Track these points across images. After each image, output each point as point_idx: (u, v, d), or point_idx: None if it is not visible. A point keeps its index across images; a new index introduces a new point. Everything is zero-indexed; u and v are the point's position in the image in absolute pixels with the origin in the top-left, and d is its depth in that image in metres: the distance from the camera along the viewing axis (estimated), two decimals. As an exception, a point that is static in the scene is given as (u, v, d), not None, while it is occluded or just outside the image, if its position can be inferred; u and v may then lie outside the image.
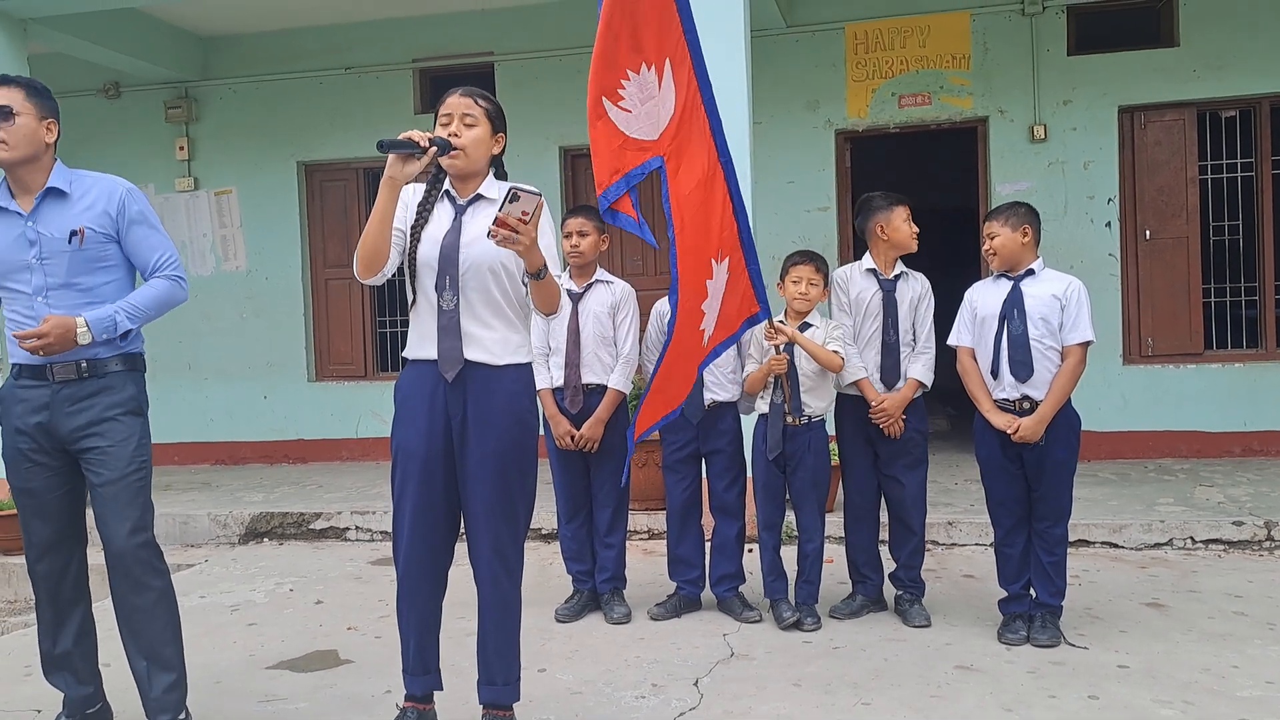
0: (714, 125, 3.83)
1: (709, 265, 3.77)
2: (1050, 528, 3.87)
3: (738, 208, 3.94)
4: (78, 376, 3.02)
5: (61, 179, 3.07)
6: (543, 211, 3.02)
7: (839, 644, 3.95)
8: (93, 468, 3.03)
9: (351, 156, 8.40)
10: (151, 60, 8.01)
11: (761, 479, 4.21)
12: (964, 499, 6.00)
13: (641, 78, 3.61)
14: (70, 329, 2.93)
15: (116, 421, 3.04)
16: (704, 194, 3.79)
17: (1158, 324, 7.26)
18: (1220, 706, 3.24)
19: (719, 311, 3.92)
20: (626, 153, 3.61)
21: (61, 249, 3.02)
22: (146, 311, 3.09)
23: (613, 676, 3.68)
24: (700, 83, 3.76)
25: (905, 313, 4.21)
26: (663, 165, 3.66)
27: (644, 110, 3.63)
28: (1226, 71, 7.05)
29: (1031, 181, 7.24)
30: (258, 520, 6.30)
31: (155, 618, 3.08)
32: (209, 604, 4.88)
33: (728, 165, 3.89)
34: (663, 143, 3.67)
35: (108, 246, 3.09)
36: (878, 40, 7.49)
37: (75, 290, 3.02)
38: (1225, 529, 5.22)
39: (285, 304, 8.55)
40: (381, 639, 4.16)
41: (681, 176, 3.70)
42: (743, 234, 3.96)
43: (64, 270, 3.02)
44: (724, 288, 3.91)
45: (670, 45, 3.69)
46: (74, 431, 3.02)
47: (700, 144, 3.78)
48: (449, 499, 2.98)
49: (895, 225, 4.19)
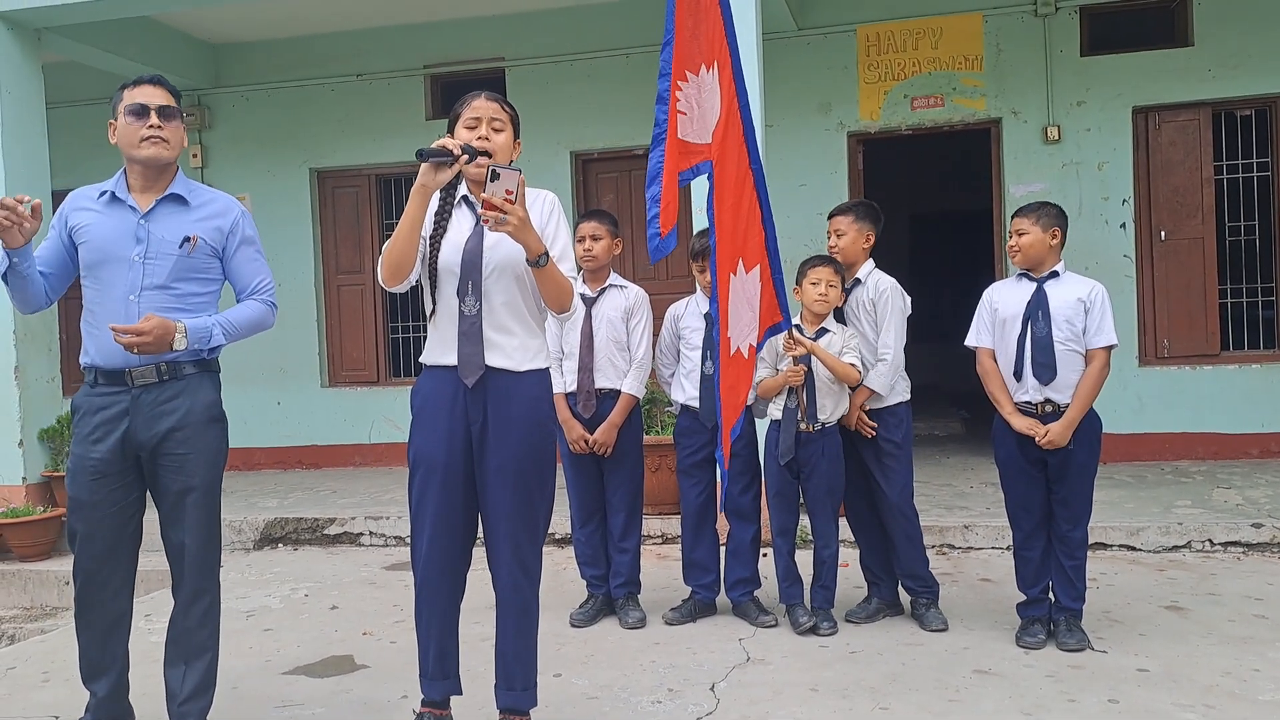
0: (748, 131, 3.78)
1: (728, 275, 3.75)
2: (1071, 530, 3.84)
3: (766, 215, 3.90)
4: (158, 380, 2.99)
5: (184, 187, 3.12)
6: (556, 207, 3.02)
7: (855, 648, 3.93)
8: (173, 472, 3.00)
9: (364, 163, 8.43)
10: (164, 68, 8.02)
11: (775, 485, 4.19)
12: (979, 502, 5.96)
13: (700, 79, 3.57)
14: (170, 331, 2.91)
15: (203, 426, 3.04)
16: (736, 201, 3.75)
17: (1174, 325, 7.21)
18: (1242, 710, 3.21)
19: (758, 320, 3.88)
20: (680, 156, 3.56)
21: (169, 252, 3.03)
22: (240, 330, 3.12)
23: (628, 681, 3.67)
24: (738, 86, 3.73)
25: (859, 316, 4.18)
26: (711, 170, 3.62)
27: (699, 113, 3.59)
28: (1241, 71, 7.00)
29: (1045, 183, 7.21)
30: (272, 526, 6.31)
31: (207, 623, 3.09)
32: (225, 609, 4.75)
33: (758, 172, 3.84)
34: (712, 147, 3.62)
35: (212, 260, 3.12)
36: (890, 42, 7.48)
37: (168, 294, 3.02)
38: (1244, 531, 5.17)
39: (298, 310, 8.55)
40: (397, 644, 4.15)
41: (723, 182, 3.66)
42: (769, 242, 3.93)
43: (165, 273, 3.02)
44: (758, 296, 3.88)
45: (718, 47, 3.64)
46: (155, 437, 2.98)
47: (736, 149, 3.74)
48: (468, 505, 2.98)
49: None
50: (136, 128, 3.01)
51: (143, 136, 3.01)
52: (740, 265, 3.79)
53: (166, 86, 3.09)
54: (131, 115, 3.01)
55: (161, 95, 3.06)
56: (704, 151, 3.60)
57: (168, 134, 3.03)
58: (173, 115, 3.06)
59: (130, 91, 3.05)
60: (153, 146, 3.02)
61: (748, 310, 3.83)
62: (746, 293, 3.82)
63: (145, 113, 3.01)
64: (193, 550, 3.04)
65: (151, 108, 3.02)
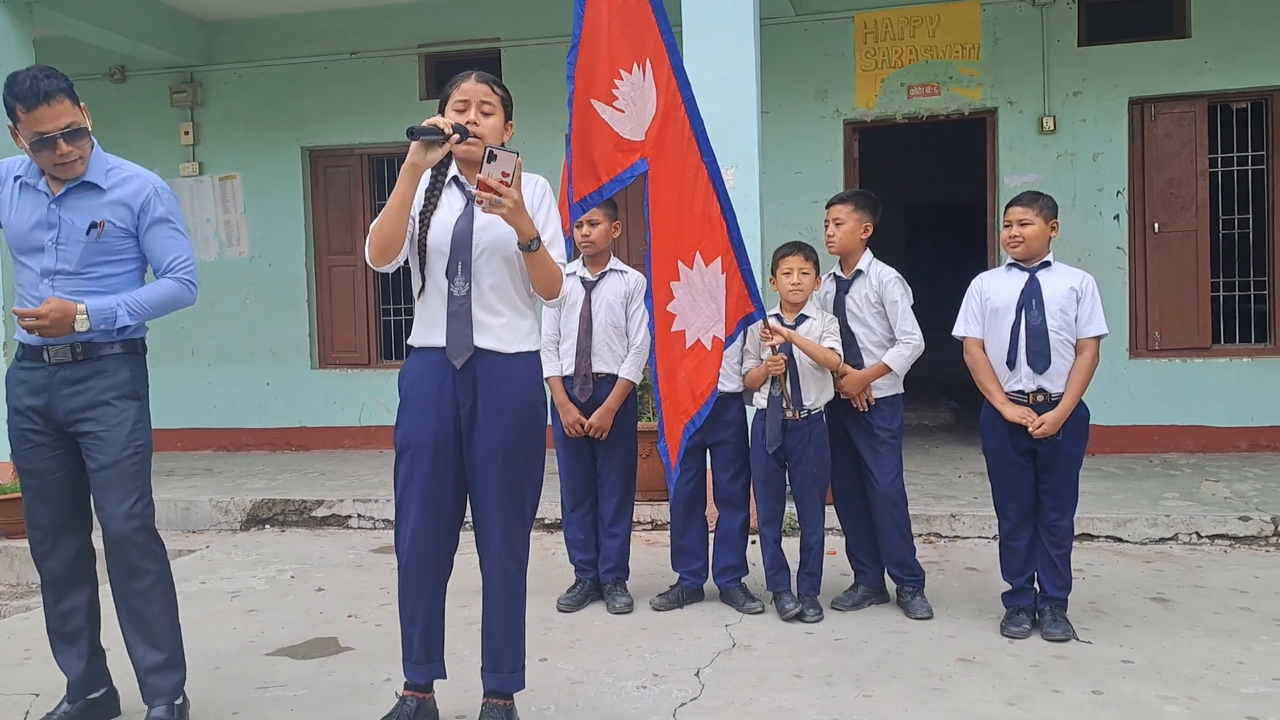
0: (696, 126, 3.82)
1: (676, 268, 3.77)
2: (1058, 520, 3.85)
3: (725, 208, 3.93)
4: (72, 359, 3.01)
5: (98, 172, 3.04)
6: (548, 192, 3.00)
7: (841, 635, 3.93)
8: (89, 451, 3.02)
9: (356, 142, 8.38)
10: (157, 45, 7.98)
11: (762, 473, 4.19)
12: (967, 491, 5.97)
13: (634, 76, 3.62)
14: (69, 314, 2.92)
15: (111, 405, 3.02)
16: (683, 195, 3.78)
17: (1165, 317, 7.21)
18: (1225, 703, 3.22)
19: (723, 311, 3.90)
20: (619, 154, 3.63)
21: (79, 238, 3.00)
22: (149, 309, 3.08)
23: (614, 666, 3.66)
24: (680, 82, 3.76)
25: (863, 308, 4.17)
26: (647, 169, 3.67)
27: (635, 110, 3.64)
28: (1238, 63, 6.99)
29: (1040, 174, 7.19)
30: (259, 507, 6.29)
31: (152, 602, 3.07)
32: (210, 590, 4.87)
33: (712, 166, 3.88)
34: (647, 144, 3.68)
35: (125, 241, 3.08)
36: (887, 29, 7.44)
37: (84, 279, 3.01)
38: (1231, 524, 5.18)
39: (288, 290, 8.53)
40: (382, 627, 4.14)
41: (661, 178, 3.71)
42: (732, 234, 3.96)
43: (77, 258, 3.01)
44: (721, 287, 3.90)
45: (650, 45, 3.70)
46: (70, 414, 3.01)
47: (679, 145, 3.78)
48: (456, 487, 2.96)
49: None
50: (46, 157, 2.93)
51: (55, 163, 2.94)
52: (698, 258, 3.82)
53: (66, 94, 2.89)
54: (39, 148, 2.90)
55: (66, 113, 2.89)
56: (639, 149, 3.67)
57: (78, 153, 2.96)
58: (79, 134, 2.94)
59: (27, 117, 2.85)
60: (67, 171, 2.97)
61: (710, 302, 3.86)
62: (707, 284, 3.86)
63: (53, 145, 2.90)
64: (114, 530, 3.01)
65: (58, 136, 2.90)
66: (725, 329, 3.94)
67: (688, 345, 3.80)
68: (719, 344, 3.92)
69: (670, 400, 3.72)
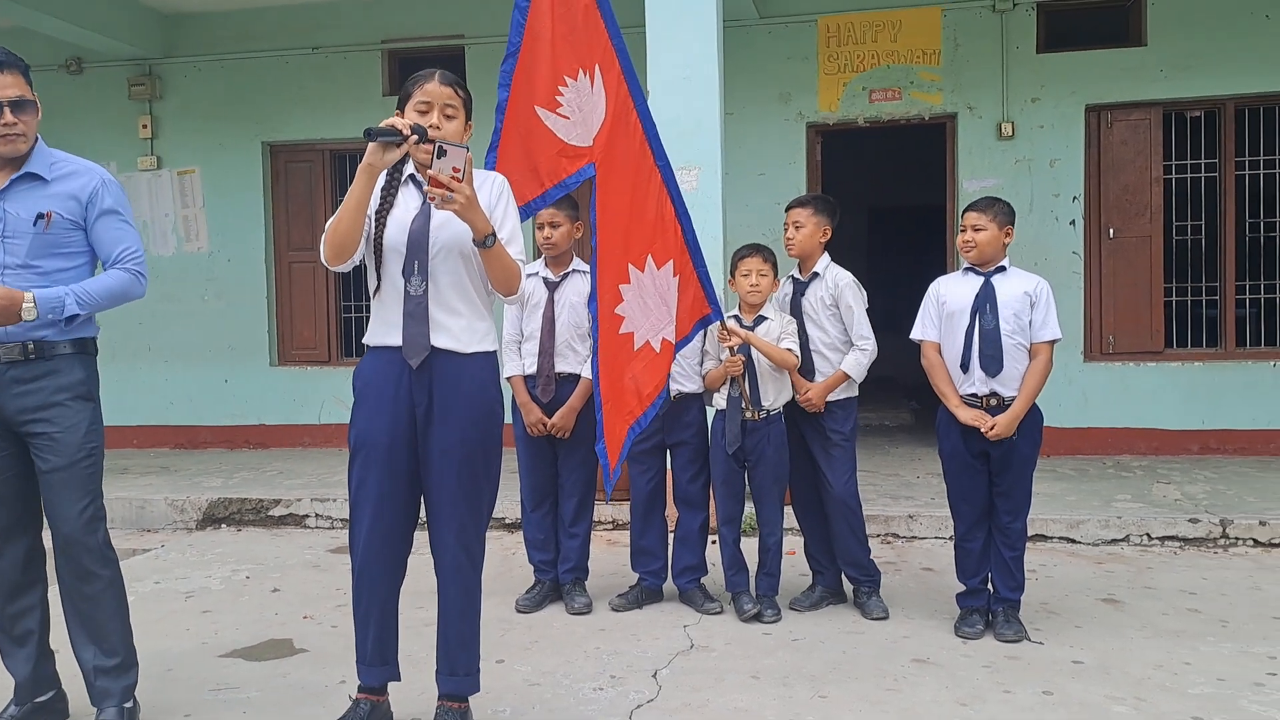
0: (648, 130, 3.84)
1: (625, 270, 3.78)
2: (1011, 522, 3.89)
3: (680, 211, 3.95)
4: (24, 358, 2.95)
5: (42, 163, 3.00)
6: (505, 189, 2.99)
7: (798, 636, 3.96)
8: (41, 453, 2.96)
9: (318, 138, 8.31)
10: (114, 36, 7.86)
11: (721, 474, 4.21)
12: (925, 492, 6.03)
13: (579, 83, 3.62)
14: (15, 303, 2.85)
15: (65, 406, 2.97)
16: (635, 199, 3.80)
17: (1119, 322, 7.33)
18: (1172, 703, 3.27)
19: (674, 314, 3.92)
20: (563, 159, 3.65)
21: (26, 229, 2.95)
22: (98, 300, 3.02)
23: (571, 668, 3.66)
24: (631, 87, 3.77)
25: (818, 310, 4.20)
26: (594, 173, 3.68)
27: (581, 116, 3.64)
28: (1193, 72, 7.11)
29: (999, 179, 7.27)
30: (216, 506, 6.22)
31: (103, 606, 3.02)
32: (163, 590, 4.80)
33: (665, 170, 3.90)
34: (595, 149, 3.68)
35: (73, 233, 3.03)
36: (850, 33, 7.49)
37: (33, 272, 2.96)
38: (1181, 526, 5.28)
39: (248, 286, 8.43)
40: (338, 628, 4.11)
41: (610, 183, 3.72)
42: (688, 237, 3.98)
43: (24, 251, 2.95)
44: (673, 290, 3.92)
45: (599, 50, 3.70)
46: (21, 414, 2.95)
47: (630, 148, 3.79)
48: (411, 488, 2.94)
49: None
50: None
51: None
52: (649, 261, 3.84)
53: (19, 70, 2.92)
54: None
55: (14, 85, 2.90)
56: (586, 154, 3.68)
57: (23, 127, 2.92)
58: (26, 107, 2.92)
59: None
60: (8, 144, 2.93)
61: (660, 305, 3.88)
62: (658, 288, 3.88)
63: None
64: (66, 533, 2.96)
65: (4, 104, 2.88)
66: (676, 332, 3.96)
67: (636, 347, 3.81)
68: (669, 346, 3.93)
69: (614, 402, 3.71)
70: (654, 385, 3.89)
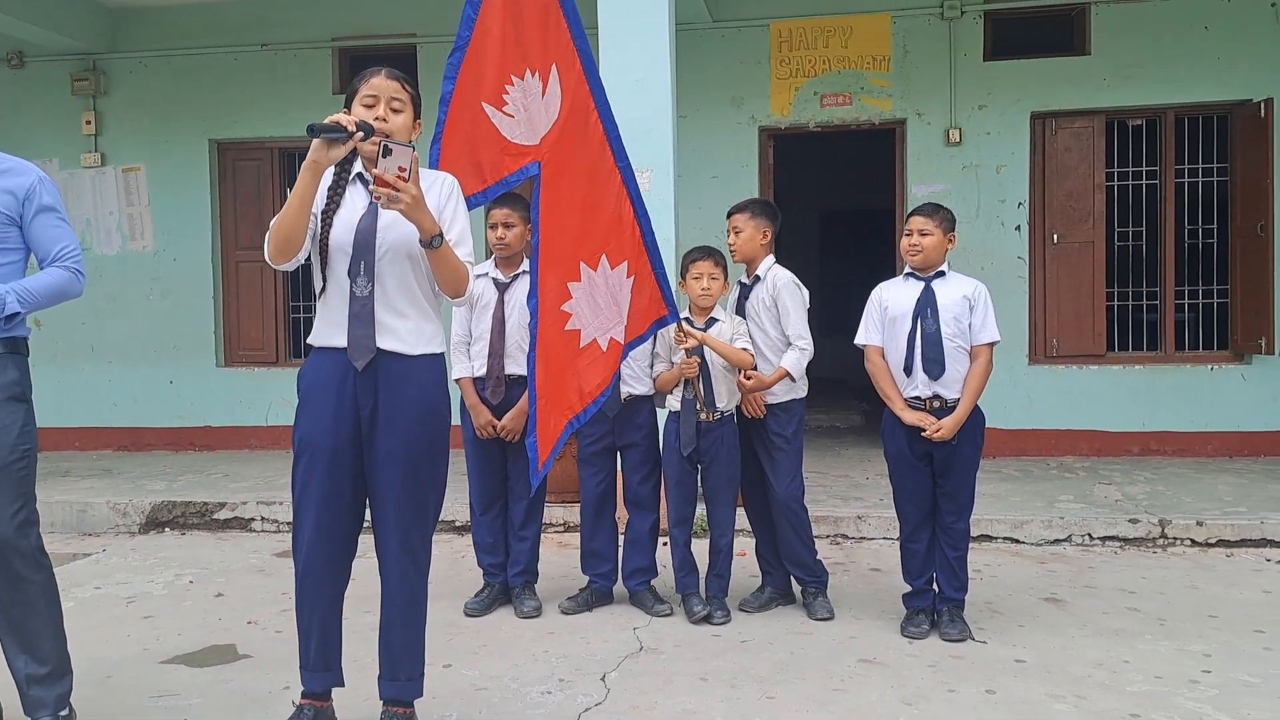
0: (609, 130, 3.83)
1: (576, 268, 3.77)
2: (955, 523, 3.95)
3: (639, 212, 3.95)
4: None
5: None
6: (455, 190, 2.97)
7: (747, 637, 3.98)
8: None
9: (267, 136, 8.20)
10: (58, 30, 7.69)
11: (675, 475, 4.21)
12: (874, 493, 6.09)
13: (526, 83, 3.62)
14: None
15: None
16: (591, 199, 3.80)
17: (1063, 325, 7.46)
18: (1111, 700, 3.34)
19: (625, 314, 3.93)
20: (506, 157, 3.63)
21: None
22: (39, 298, 2.97)
23: (519, 672, 3.65)
24: (593, 87, 3.76)
25: (759, 312, 4.24)
26: (539, 171, 3.67)
27: (527, 115, 3.63)
28: (1135, 81, 7.27)
29: (946, 184, 7.37)
30: (159, 509, 6.11)
31: (36, 612, 2.96)
32: (104, 595, 4.71)
33: (626, 170, 3.90)
34: (542, 148, 3.67)
35: (9, 229, 2.97)
36: (801, 39, 7.55)
37: None
38: (1122, 526, 5.39)
39: (194, 286, 8.30)
40: (282, 634, 4.06)
41: (560, 182, 3.70)
42: (646, 237, 3.99)
43: None
44: (626, 290, 3.92)
45: (557, 50, 3.69)
46: None
47: (587, 148, 3.78)
48: (355, 491, 2.91)
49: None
50: None
51: None
52: (603, 261, 3.84)
53: None
54: None
55: None
56: (531, 153, 3.67)
57: None
58: None
59: None
60: None
61: (610, 304, 3.88)
62: (610, 287, 3.87)
63: None
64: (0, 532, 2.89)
65: None
66: (626, 333, 3.96)
67: (582, 344, 3.79)
68: (616, 346, 3.92)
69: (550, 398, 3.68)
70: (597, 383, 3.87)
